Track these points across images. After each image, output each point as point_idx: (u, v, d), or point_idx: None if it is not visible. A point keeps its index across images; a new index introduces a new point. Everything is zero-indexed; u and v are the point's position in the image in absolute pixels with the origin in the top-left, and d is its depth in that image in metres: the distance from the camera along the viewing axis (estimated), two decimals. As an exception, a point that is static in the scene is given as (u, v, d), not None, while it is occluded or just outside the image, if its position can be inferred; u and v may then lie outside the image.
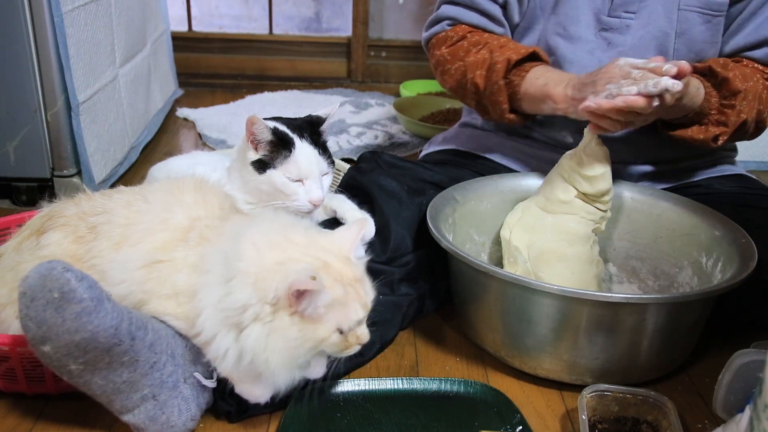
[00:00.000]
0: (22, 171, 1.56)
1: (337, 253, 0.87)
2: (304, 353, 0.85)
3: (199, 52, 2.73)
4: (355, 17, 2.72)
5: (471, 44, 1.30)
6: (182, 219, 0.93)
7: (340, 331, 0.85)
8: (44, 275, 0.79)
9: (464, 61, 1.29)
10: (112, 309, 0.82)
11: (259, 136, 1.12)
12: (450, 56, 1.31)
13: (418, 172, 1.32)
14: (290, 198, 1.14)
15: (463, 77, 1.29)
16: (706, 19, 1.24)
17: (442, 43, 1.34)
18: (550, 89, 1.18)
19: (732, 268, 1.05)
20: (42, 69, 1.46)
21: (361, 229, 0.91)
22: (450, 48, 1.32)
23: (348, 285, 0.84)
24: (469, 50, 1.29)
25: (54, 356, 0.82)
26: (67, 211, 0.98)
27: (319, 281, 0.78)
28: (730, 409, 0.97)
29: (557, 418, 1.02)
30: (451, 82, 1.32)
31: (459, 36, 1.32)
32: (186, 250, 0.90)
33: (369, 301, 0.88)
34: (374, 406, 1.00)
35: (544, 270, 1.16)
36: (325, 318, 0.83)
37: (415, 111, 2.29)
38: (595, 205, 1.17)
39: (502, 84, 1.23)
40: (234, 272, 0.83)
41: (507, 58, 1.22)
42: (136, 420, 0.89)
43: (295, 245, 0.86)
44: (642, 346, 1.02)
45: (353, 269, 0.87)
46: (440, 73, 1.35)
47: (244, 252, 0.84)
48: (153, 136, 2.05)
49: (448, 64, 1.32)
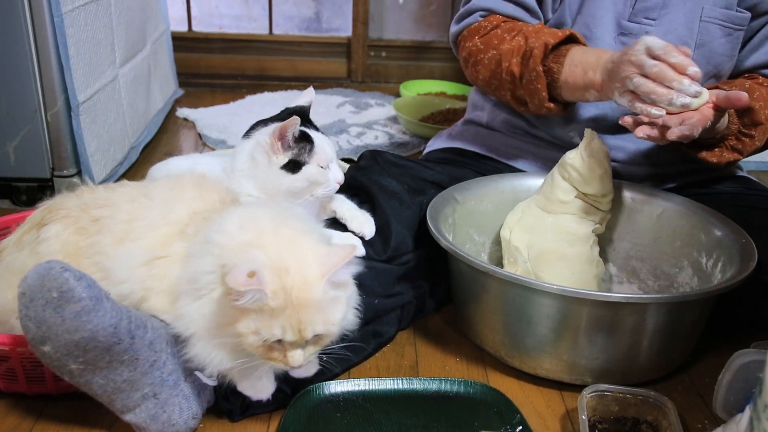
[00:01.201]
0: (22, 171, 1.56)
1: (309, 270, 0.81)
2: (222, 336, 0.83)
3: (199, 52, 2.73)
4: (355, 17, 2.72)
5: (504, 31, 1.24)
6: (182, 213, 0.93)
7: (260, 335, 0.80)
8: (43, 275, 0.79)
9: (498, 49, 1.22)
10: (111, 308, 0.82)
11: (290, 139, 1.12)
12: (483, 46, 1.25)
13: (419, 171, 1.32)
14: (323, 186, 1.15)
15: (497, 67, 1.23)
16: (727, 32, 1.22)
17: (474, 34, 1.28)
18: (590, 77, 1.12)
19: (732, 269, 1.05)
20: (42, 69, 1.46)
21: (348, 256, 0.83)
22: (483, 38, 1.26)
23: (291, 302, 0.79)
24: (503, 38, 1.23)
25: (54, 356, 0.82)
26: (68, 203, 0.98)
27: (256, 280, 0.76)
28: (730, 409, 0.97)
29: (557, 418, 1.02)
30: (485, 73, 1.26)
31: (492, 25, 1.26)
32: (182, 243, 0.90)
33: (308, 331, 0.81)
34: (374, 406, 1.00)
35: (544, 270, 1.16)
36: (249, 316, 0.80)
37: (415, 111, 2.28)
38: (596, 205, 1.17)
39: (540, 71, 1.16)
40: (210, 244, 0.83)
41: (544, 43, 1.16)
42: (137, 419, 0.89)
43: (276, 237, 0.83)
44: (642, 346, 1.02)
45: (311, 292, 0.80)
46: (472, 65, 1.28)
47: (226, 225, 0.84)
48: (153, 137, 2.05)
49: (480, 54, 1.25)
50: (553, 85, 1.18)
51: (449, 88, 2.60)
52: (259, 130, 1.18)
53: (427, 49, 2.79)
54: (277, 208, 0.92)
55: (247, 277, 0.76)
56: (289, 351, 0.83)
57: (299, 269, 0.81)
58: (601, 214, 1.18)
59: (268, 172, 1.13)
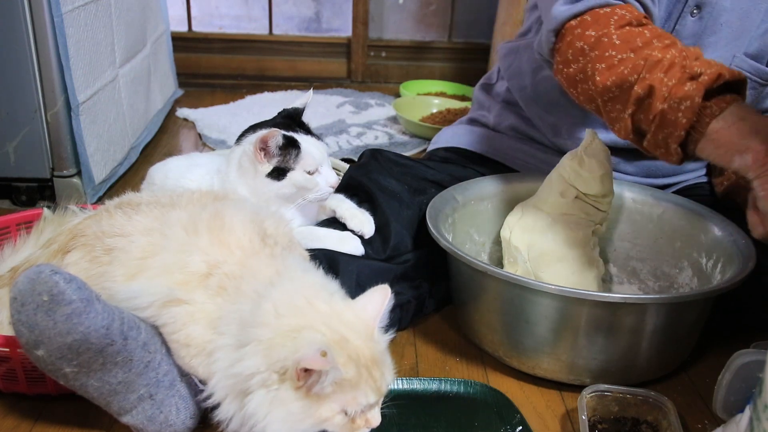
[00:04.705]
0: (22, 171, 1.56)
1: (359, 328, 0.80)
2: (304, 429, 0.79)
3: (199, 53, 2.73)
4: (355, 17, 2.72)
5: (655, 36, 0.98)
6: (199, 264, 0.88)
7: (346, 412, 0.79)
8: (33, 279, 0.78)
9: (641, 54, 0.95)
10: (102, 309, 0.82)
11: (273, 149, 1.13)
12: (620, 41, 0.98)
13: (419, 170, 1.31)
14: (312, 191, 1.15)
15: (634, 74, 0.95)
16: (753, 86, 1.17)
17: (605, 21, 1.00)
18: (755, 142, 0.86)
19: (732, 269, 1.05)
20: (42, 69, 1.46)
21: (385, 299, 0.83)
22: (621, 30, 0.99)
23: (363, 366, 0.78)
24: (650, 43, 0.96)
25: (48, 360, 0.82)
26: (88, 230, 0.96)
27: (330, 358, 0.72)
28: (730, 410, 0.97)
29: (557, 418, 1.02)
30: (611, 76, 0.97)
31: (633, 17, 1.01)
32: (205, 295, 0.86)
33: (384, 385, 0.81)
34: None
35: (544, 270, 1.16)
36: (331, 398, 0.77)
37: (415, 111, 2.29)
38: (596, 206, 1.17)
39: (696, 102, 0.89)
40: (249, 338, 0.79)
41: (718, 72, 0.90)
42: (134, 421, 0.89)
43: (316, 312, 0.80)
44: (641, 347, 1.02)
45: (372, 348, 0.80)
46: (593, 59, 1.00)
47: (262, 316, 0.79)
48: (153, 137, 2.05)
49: (613, 50, 0.98)
50: (695, 129, 0.91)
51: (449, 88, 2.60)
52: (247, 138, 1.20)
53: (427, 49, 2.79)
54: (298, 279, 0.86)
55: (322, 356, 0.72)
56: (369, 413, 0.81)
57: (353, 333, 0.79)
58: (602, 215, 1.18)
59: (255, 179, 1.15)
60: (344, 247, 1.15)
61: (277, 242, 0.95)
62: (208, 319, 0.85)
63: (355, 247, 1.16)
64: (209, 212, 0.94)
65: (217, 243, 0.90)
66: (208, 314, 0.85)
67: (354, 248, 1.16)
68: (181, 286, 0.87)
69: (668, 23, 1.18)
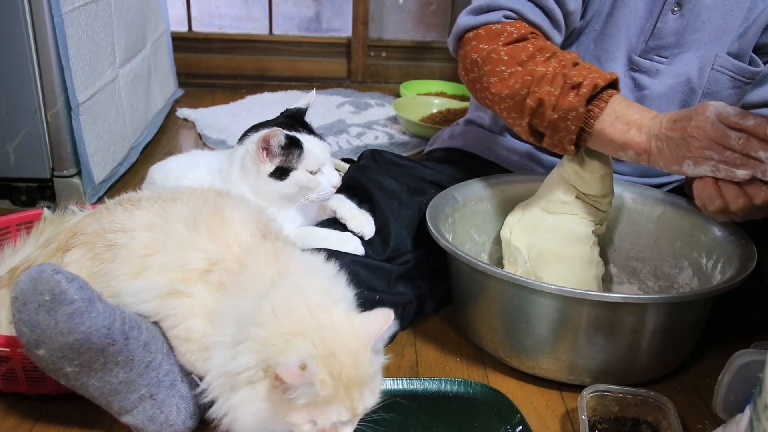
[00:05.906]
0: (22, 171, 1.56)
1: (352, 346, 0.79)
2: (271, 428, 0.80)
3: (199, 53, 2.73)
4: (355, 17, 2.72)
5: (537, 50, 1.09)
6: (199, 262, 0.88)
7: (315, 423, 0.78)
8: (35, 278, 0.78)
9: (527, 68, 1.07)
10: (103, 309, 0.82)
11: (275, 148, 1.13)
12: (508, 57, 1.09)
13: (419, 171, 1.32)
14: (315, 191, 1.15)
15: (524, 89, 1.07)
16: (736, 84, 1.20)
17: (495, 37, 1.11)
18: (632, 136, 1.02)
19: (732, 269, 1.05)
20: (42, 69, 1.46)
21: (387, 323, 0.81)
22: (508, 47, 1.10)
23: (343, 385, 0.77)
24: (534, 56, 1.08)
25: (49, 359, 0.82)
26: (88, 227, 0.96)
27: (308, 373, 0.72)
28: (730, 410, 0.97)
29: (557, 418, 1.02)
30: (502, 89, 1.09)
31: (520, 35, 1.11)
32: (205, 290, 0.86)
33: (361, 407, 0.80)
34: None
35: (544, 270, 1.16)
36: (302, 407, 0.77)
37: (415, 111, 2.29)
38: (596, 206, 1.17)
39: (581, 112, 1.03)
40: (245, 337, 0.79)
41: (594, 83, 1.03)
42: (135, 421, 0.89)
43: (314, 321, 0.79)
44: (641, 347, 1.02)
45: (359, 369, 0.78)
46: (486, 73, 1.11)
47: (260, 316, 0.79)
48: (153, 137, 2.05)
49: (502, 66, 1.09)
50: (584, 130, 1.05)
51: (449, 88, 2.60)
52: (250, 137, 1.19)
53: (427, 49, 2.79)
54: (301, 282, 0.85)
55: (299, 369, 0.72)
56: (341, 429, 0.80)
57: (344, 350, 0.78)
58: (602, 215, 1.18)
59: (257, 179, 1.15)
60: (345, 247, 1.15)
61: (279, 237, 0.95)
62: (207, 314, 0.86)
63: (355, 248, 1.16)
64: (209, 208, 0.94)
65: (215, 239, 0.90)
66: (207, 309, 0.86)
67: (354, 249, 1.16)
68: (182, 282, 0.87)
69: (649, 21, 1.18)
